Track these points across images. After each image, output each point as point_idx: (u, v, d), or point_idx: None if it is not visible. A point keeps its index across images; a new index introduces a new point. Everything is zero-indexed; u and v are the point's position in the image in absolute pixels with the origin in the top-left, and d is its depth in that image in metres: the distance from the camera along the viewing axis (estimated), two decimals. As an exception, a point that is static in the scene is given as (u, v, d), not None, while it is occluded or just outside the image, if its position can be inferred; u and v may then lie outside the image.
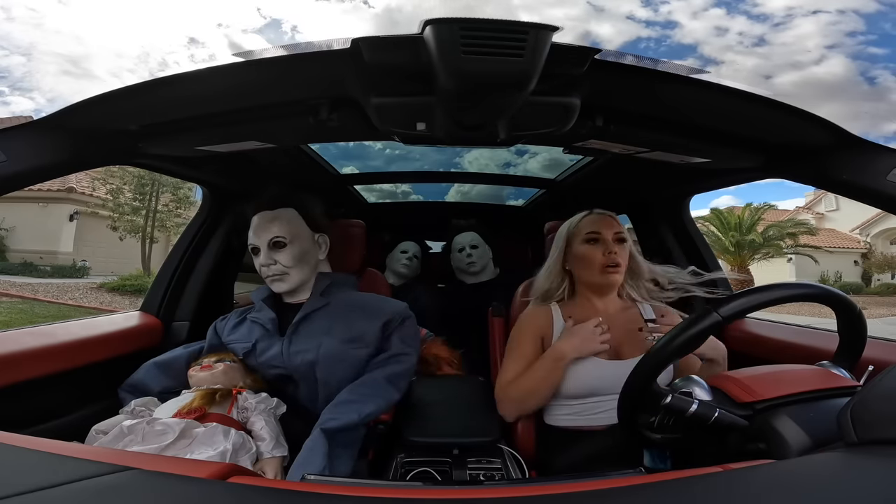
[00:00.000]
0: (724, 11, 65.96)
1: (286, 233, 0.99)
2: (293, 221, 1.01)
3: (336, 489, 0.39)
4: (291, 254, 0.99)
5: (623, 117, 0.78)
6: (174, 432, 0.72)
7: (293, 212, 1.03)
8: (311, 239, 1.04)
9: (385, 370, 0.94)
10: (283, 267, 0.99)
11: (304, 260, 1.01)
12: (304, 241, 1.02)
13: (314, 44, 0.61)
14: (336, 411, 0.84)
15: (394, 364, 0.95)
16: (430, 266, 2.19)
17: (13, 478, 0.36)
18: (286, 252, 0.99)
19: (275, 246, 0.99)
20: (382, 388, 0.91)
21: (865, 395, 0.44)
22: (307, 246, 1.02)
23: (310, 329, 0.97)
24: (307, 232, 1.03)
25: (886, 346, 0.87)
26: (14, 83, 29.36)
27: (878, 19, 47.34)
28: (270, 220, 1.00)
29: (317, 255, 1.05)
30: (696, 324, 0.58)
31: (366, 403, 0.86)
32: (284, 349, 0.96)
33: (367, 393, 0.89)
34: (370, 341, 0.97)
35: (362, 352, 0.96)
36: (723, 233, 12.37)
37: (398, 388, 0.94)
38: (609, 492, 0.39)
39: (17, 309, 6.82)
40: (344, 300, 1.03)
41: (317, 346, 0.94)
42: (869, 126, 44.34)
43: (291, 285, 1.01)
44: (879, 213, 13.11)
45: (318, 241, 1.06)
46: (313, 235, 1.05)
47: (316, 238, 1.05)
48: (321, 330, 0.96)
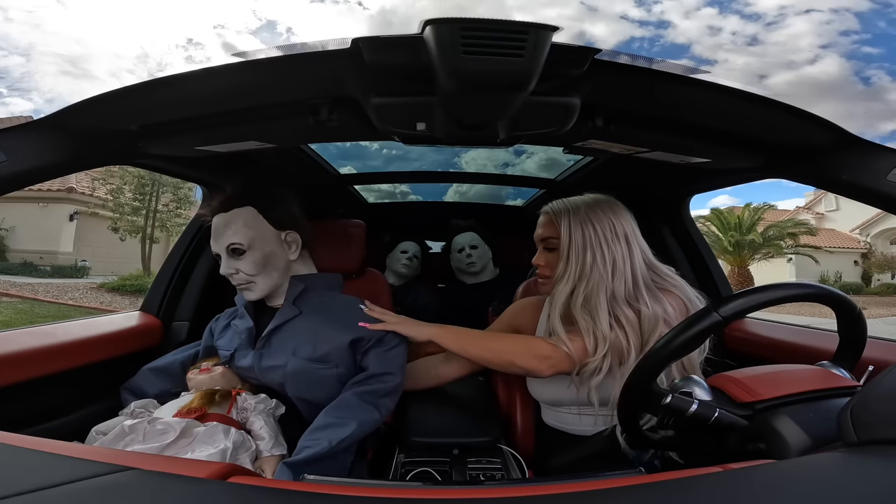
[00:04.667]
0: (717, 11, 66.10)
1: (243, 238, 0.88)
2: (251, 223, 0.90)
3: (336, 489, 0.39)
4: (253, 260, 0.89)
5: (623, 117, 0.78)
6: (175, 431, 0.72)
7: (251, 212, 0.91)
8: (276, 240, 0.92)
9: (363, 388, 0.85)
10: (246, 276, 0.89)
11: (270, 264, 0.91)
12: (266, 243, 0.91)
13: (314, 44, 0.61)
14: (310, 438, 0.77)
15: (375, 383, 0.86)
16: (430, 266, 2.20)
17: (13, 478, 0.36)
18: (247, 259, 0.89)
19: (234, 253, 0.89)
20: (360, 409, 0.82)
21: (865, 395, 0.44)
22: (271, 248, 0.91)
23: (282, 341, 0.90)
24: (270, 233, 0.92)
25: (886, 346, 0.87)
26: (12, 83, 29.41)
27: (873, 18, 47.39)
28: (225, 224, 0.89)
29: (286, 256, 0.94)
30: (696, 324, 0.58)
31: (340, 428, 0.77)
32: (256, 363, 0.90)
33: (343, 416, 0.80)
34: (339, 361, 0.88)
35: (331, 371, 0.87)
36: (723, 233, 12.38)
37: (380, 407, 0.85)
38: (609, 492, 0.39)
39: (17, 309, 6.82)
40: (317, 309, 0.93)
41: (284, 364, 0.87)
42: (864, 125, 44.38)
43: (260, 293, 0.92)
44: (879, 213, 13.12)
45: (287, 241, 0.94)
46: (279, 235, 0.93)
47: (283, 238, 0.93)
48: (290, 346, 0.88)
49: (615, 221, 0.85)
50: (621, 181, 1.42)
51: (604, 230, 0.83)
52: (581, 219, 0.85)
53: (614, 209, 0.87)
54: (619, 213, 0.87)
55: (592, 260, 0.82)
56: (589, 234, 0.83)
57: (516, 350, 0.86)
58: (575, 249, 0.84)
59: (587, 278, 0.83)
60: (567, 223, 0.86)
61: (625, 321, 0.80)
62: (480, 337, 0.93)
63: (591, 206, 0.87)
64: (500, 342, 0.91)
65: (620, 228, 0.84)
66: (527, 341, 0.89)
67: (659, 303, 0.82)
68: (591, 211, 0.85)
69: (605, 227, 0.84)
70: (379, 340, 0.90)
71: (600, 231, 0.83)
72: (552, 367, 0.82)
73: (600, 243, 0.82)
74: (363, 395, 0.84)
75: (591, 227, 0.84)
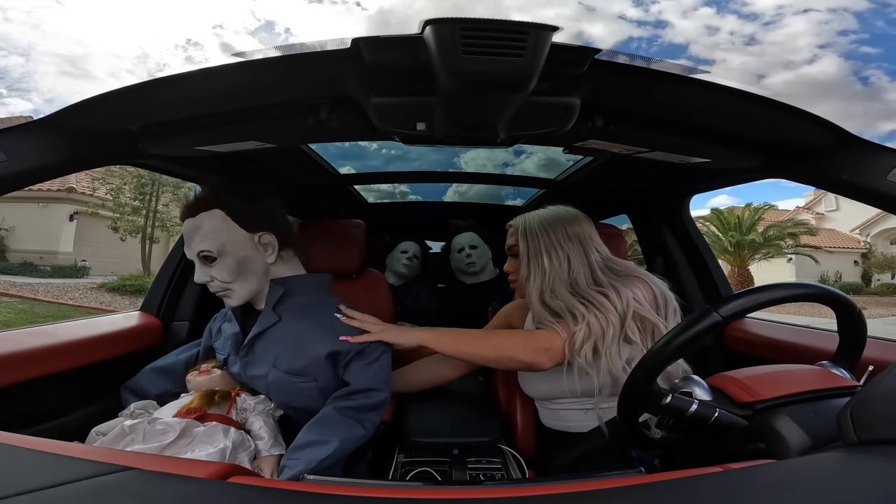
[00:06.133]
0: (714, 10, 66.21)
1: (212, 244, 0.82)
2: (219, 228, 0.83)
3: (336, 489, 0.39)
4: (226, 267, 0.83)
5: (623, 117, 0.78)
6: (175, 431, 0.72)
7: (218, 215, 0.84)
8: (249, 244, 0.85)
9: (347, 403, 0.82)
10: (221, 283, 0.84)
11: (246, 269, 0.85)
12: (239, 248, 0.84)
13: (313, 44, 0.61)
14: (290, 458, 0.74)
15: (360, 398, 0.83)
16: (430, 266, 2.20)
17: (13, 478, 0.36)
18: (219, 266, 0.83)
19: (205, 260, 0.84)
20: (343, 425, 0.79)
21: (865, 395, 0.44)
22: (245, 253, 0.85)
23: (263, 350, 0.87)
24: (242, 236, 0.85)
25: (886, 346, 0.87)
26: (12, 84, 29.34)
27: (871, 18, 47.32)
28: (192, 229, 0.84)
29: (262, 259, 0.87)
30: (696, 324, 0.58)
31: (320, 447, 0.74)
32: (242, 371, 0.89)
33: (325, 433, 0.76)
34: (317, 375, 0.84)
35: (310, 384, 0.84)
36: (723, 233, 12.38)
37: (364, 423, 0.81)
38: (609, 492, 0.39)
39: (17, 309, 6.82)
40: (298, 315, 0.88)
41: (266, 375, 0.85)
42: (863, 125, 44.39)
43: (240, 299, 0.87)
44: (879, 213, 13.12)
45: (261, 244, 0.87)
46: (252, 238, 0.86)
47: (257, 240, 0.86)
48: (271, 355, 0.86)
49: (568, 227, 0.94)
50: (621, 181, 1.42)
51: (557, 235, 0.93)
52: (536, 227, 0.95)
53: (568, 217, 0.97)
54: (573, 221, 0.96)
55: (549, 261, 0.92)
56: (544, 240, 0.93)
57: (517, 345, 0.87)
58: (534, 253, 0.94)
59: (548, 275, 0.91)
60: (524, 232, 0.96)
61: (595, 301, 0.86)
62: (476, 336, 0.93)
63: (547, 215, 0.98)
64: (500, 338, 0.91)
65: (573, 232, 0.94)
66: (525, 335, 0.91)
67: (626, 286, 0.88)
68: (546, 220, 0.96)
69: (559, 232, 0.93)
70: (360, 353, 0.85)
71: (553, 236, 0.93)
72: (552, 359, 0.84)
73: (554, 246, 0.92)
74: (347, 410, 0.81)
75: (545, 234, 0.94)
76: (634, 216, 1.71)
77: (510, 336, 0.93)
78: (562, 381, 0.88)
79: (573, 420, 0.94)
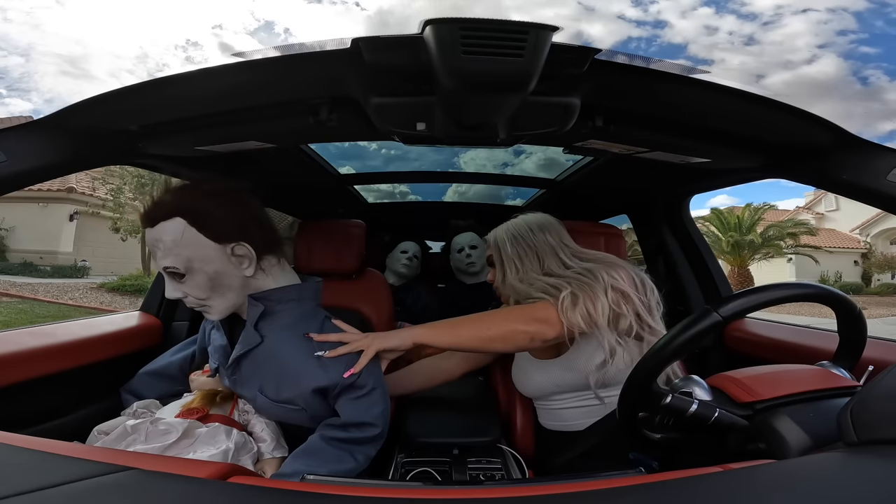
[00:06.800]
0: (713, 10, 66.20)
1: (176, 261, 0.72)
2: (182, 241, 0.71)
3: (336, 489, 0.39)
4: (196, 284, 0.74)
5: (623, 117, 0.78)
6: (177, 432, 0.72)
7: (179, 224, 0.71)
8: (221, 256, 0.74)
9: (339, 434, 0.76)
10: (196, 300, 0.75)
11: (221, 283, 0.75)
12: (208, 262, 0.73)
13: (313, 44, 0.61)
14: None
15: (354, 431, 0.77)
16: (430, 266, 2.20)
17: (13, 478, 0.36)
18: (189, 283, 0.74)
19: (174, 276, 0.74)
20: (334, 458, 0.73)
21: (865, 395, 0.44)
22: (216, 267, 0.74)
23: (249, 371, 0.81)
24: (211, 248, 0.73)
25: (886, 346, 0.87)
26: (11, 84, 29.29)
27: (870, 17, 47.30)
28: (153, 242, 0.73)
29: (238, 272, 0.76)
30: (696, 324, 0.58)
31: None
32: (231, 386, 0.84)
33: (313, 465, 0.72)
34: (305, 405, 0.78)
35: (299, 413, 0.79)
36: (722, 233, 12.38)
37: (357, 455, 0.75)
38: (609, 492, 0.39)
39: (17, 309, 6.82)
40: (282, 336, 0.79)
41: (253, 399, 0.81)
42: (863, 125, 44.37)
43: (220, 314, 0.78)
44: (879, 213, 13.12)
45: (235, 255, 0.75)
46: (224, 249, 0.74)
47: (230, 251, 0.74)
48: (256, 380, 0.80)
49: (535, 229, 1.00)
50: (621, 181, 1.42)
51: (525, 239, 0.99)
52: (505, 235, 1.01)
53: (535, 221, 1.02)
54: (540, 223, 1.01)
55: (520, 261, 0.97)
56: (513, 245, 0.99)
57: (516, 316, 0.87)
58: (507, 259, 0.99)
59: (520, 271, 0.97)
60: (495, 242, 1.03)
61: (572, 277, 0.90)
62: (472, 320, 0.89)
63: (515, 223, 1.03)
64: (497, 317, 0.88)
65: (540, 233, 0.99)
66: (521, 308, 0.91)
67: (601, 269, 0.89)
68: (514, 227, 1.02)
69: (527, 236, 0.99)
70: (349, 386, 0.76)
71: (522, 240, 0.99)
72: (553, 328, 0.84)
73: (524, 247, 0.98)
74: (339, 442, 0.75)
75: (514, 240, 1.00)
76: (634, 216, 1.71)
77: (507, 312, 0.91)
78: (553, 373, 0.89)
79: (571, 419, 0.94)
